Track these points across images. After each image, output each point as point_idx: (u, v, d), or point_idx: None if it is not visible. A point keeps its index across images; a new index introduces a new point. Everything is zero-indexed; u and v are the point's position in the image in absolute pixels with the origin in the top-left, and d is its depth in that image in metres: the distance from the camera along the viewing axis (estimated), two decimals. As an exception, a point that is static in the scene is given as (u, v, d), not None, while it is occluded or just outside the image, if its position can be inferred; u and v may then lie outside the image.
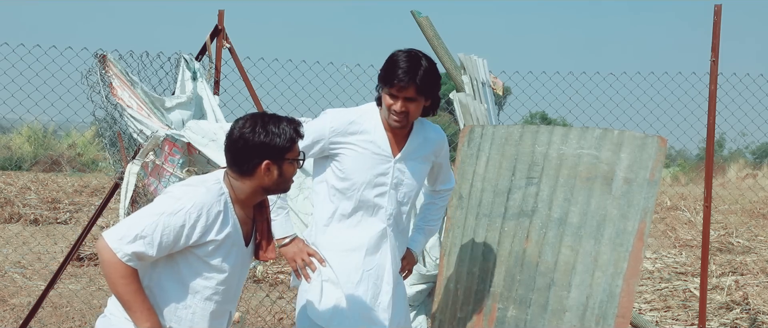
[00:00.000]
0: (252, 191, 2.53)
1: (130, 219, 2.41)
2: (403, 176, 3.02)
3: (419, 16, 4.54)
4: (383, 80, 2.92)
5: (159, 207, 2.40)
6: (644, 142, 2.98)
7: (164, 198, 2.44)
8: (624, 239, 2.95)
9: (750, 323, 6.23)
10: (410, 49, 2.93)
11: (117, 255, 2.36)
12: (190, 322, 2.51)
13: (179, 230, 2.39)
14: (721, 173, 19.71)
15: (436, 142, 3.13)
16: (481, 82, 4.43)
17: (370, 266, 3.01)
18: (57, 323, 5.83)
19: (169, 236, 2.39)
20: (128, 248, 2.36)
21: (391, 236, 3.05)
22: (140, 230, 2.37)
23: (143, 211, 2.42)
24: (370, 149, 2.97)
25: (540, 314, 3.10)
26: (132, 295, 2.40)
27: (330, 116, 2.98)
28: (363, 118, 3.00)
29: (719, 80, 4.78)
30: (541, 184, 3.21)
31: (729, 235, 10.11)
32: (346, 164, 2.97)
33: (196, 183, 2.50)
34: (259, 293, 6.70)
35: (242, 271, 2.64)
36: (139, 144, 4.30)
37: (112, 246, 2.36)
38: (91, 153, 19.16)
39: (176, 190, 2.47)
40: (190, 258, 2.47)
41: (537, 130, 3.28)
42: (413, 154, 3.05)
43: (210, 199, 2.45)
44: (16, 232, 9.18)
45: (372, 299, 3.01)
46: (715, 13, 4.67)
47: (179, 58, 4.64)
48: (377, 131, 2.99)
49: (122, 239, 2.36)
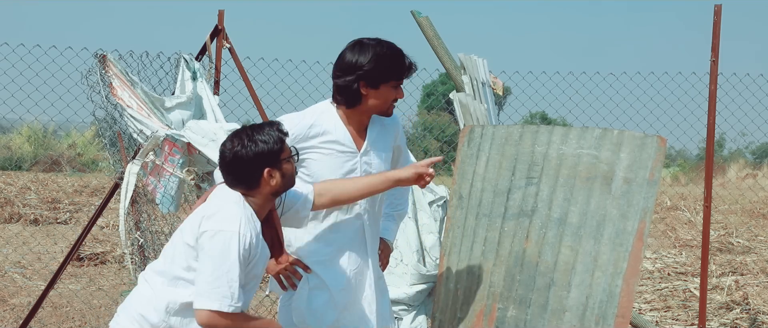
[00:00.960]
0: (264, 200, 2.61)
1: (215, 278, 2.46)
2: (371, 167, 3.02)
3: (419, 16, 4.54)
4: (393, 74, 2.92)
5: (218, 248, 2.46)
6: (644, 142, 2.98)
7: (223, 241, 2.47)
8: (624, 238, 2.95)
9: (750, 323, 6.23)
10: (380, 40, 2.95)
11: (229, 312, 2.45)
12: None
13: (246, 252, 2.50)
14: (721, 173, 19.70)
15: (393, 127, 3.14)
16: (481, 82, 4.43)
17: (355, 265, 3.02)
18: (57, 323, 5.84)
19: (243, 265, 2.51)
20: (234, 300, 2.47)
21: (368, 230, 3.05)
22: (229, 280, 2.45)
23: (216, 262, 2.46)
24: (335, 148, 2.95)
25: (540, 314, 3.11)
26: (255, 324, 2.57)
27: (287, 124, 2.89)
28: (321, 119, 2.97)
29: (719, 80, 4.78)
30: (540, 184, 3.21)
31: (729, 235, 10.10)
32: (313, 167, 2.94)
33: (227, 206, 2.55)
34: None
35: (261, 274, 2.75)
36: (139, 144, 4.30)
37: (222, 309, 2.44)
38: (91, 153, 19.16)
39: (216, 222, 2.50)
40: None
41: (537, 130, 3.28)
42: (375, 145, 3.05)
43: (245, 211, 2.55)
44: (16, 232, 9.18)
45: (357, 296, 3.02)
46: (715, 13, 4.68)
47: (179, 58, 4.64)
48: (338, 129, 2.97)
49: (224, 297, 2.45)
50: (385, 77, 2.90)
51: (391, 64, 2.90)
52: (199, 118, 4.51)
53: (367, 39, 2.94)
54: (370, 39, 2.94)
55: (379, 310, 3.07)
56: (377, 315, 3.06)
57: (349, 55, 2.91)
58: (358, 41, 2.94)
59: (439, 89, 18.00)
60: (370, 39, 2.94)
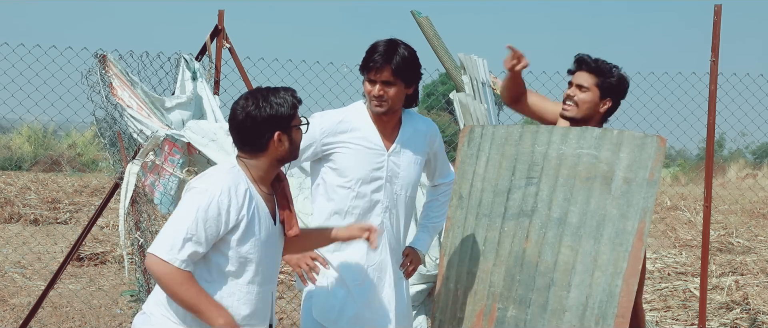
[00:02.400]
0: (269, 165, 2.55)
1: (169, 228, 2.43)
2: (398, 168, 3.05)
3: (419, 16, 4.54)
4: (362, 67, 2.96)
5: (192, 205, 2.43)
6: (644, 142, 2.98)
7: (191, 196, 2.46)
8: (623, 238, 2.95)
9: (750, 323, 6.23)
10: (391, 38, 2.97)
11: (173, 265, 2.38)
12: (238, 309, 2.53)
13: (218, 218, 2.42)
14: (721, 173, 19.71)
15: (427, 133, 3.16)
16: (481, 82, 4.43)
17: (373, 262, 3.04)
18: (57, 323, 5.84)
19: (211, 228, 2.42)
20: (182, 254, 2.39)
21: (389, 230, 3.06)
22: (185, 233, 2.39)
23: (178, 215, 2.44)
24: (362, 145, 2.99)
25: (540, 314, 3.11)
26: (196, 297, 2.43)
27: (318, 119, 2.99)
28: (351, 116, 3.02)
29: (719, 80, 4.78)
30: (540, 184, 3.21)
31: (729, 235, 10.11)
32: (341, 162, 2.98)
33: (214, 172, 2.53)
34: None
35: (276, 249, 2.66)
36: (139, 144, 4.30)
37: (165, 258, 2.39)
38: (91, 153, 19.16)
39: (198, 184, 2.49)
40: (223, 246, 2.49)
41: (537, 130, 3.28)
42: (405, 146, 3.07)
43: (233, 180, 2.48)
44: (16, 232, 9.18)
45: (376, 294, 3.04)
46: (715, 13, 4.68)
47: (179, 58, 4.64)
48: (367, 127, 3.01)
49: (172, 248, 2.39)
50: (361, 70, 2.98)
51: (364, 57, 2.96)
52: (199, 118, 4.51)
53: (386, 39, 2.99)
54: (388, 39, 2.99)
55: (398, 310, 3.09)
56: (396, 314, 3.09)
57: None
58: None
59: (439, 89, 17.99)
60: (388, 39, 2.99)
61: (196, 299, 2.43)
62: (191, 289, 2.42)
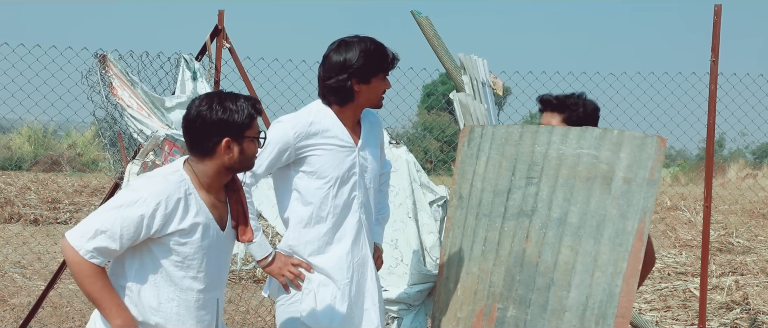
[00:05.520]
0: (215, 172, 2.48)
1: (90, 216, 2.40)
2: (366, 162, 3.11)
3: (419, 16, 4.54)
4: (382, 67, 3.01)
5: (117, 200, 2.39)
6: (644, 142, 2.98)
7: (124, 191, 2.44)
8: (623, 238, 2.95)
9: (750, 323, 6.23)
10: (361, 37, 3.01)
11: (79, 253, 2.34)
12: (177, 315, 2.49)
13: (139, 220, 2.36)
14: (721, 173, 19.71)
15: (379, 123, 3.26)
16: (481, 82, 4.43)
17: (357, 257, 3.08)
18: (57, 323, 5.84)
19: (129, 228, 2.36)
20: (89, 244, 2.35)
21: (365, 224, 3.12)
22: (100, 225, 2.35)
23: (103, 206, 2.41)
24: (335, 144, 3.02)
25: (540, 314, 3.11)
26: (99, 292, 2.39)
27: (289, 123, 2.99)
28: (319, 117, 3.03)
29: (719, 80, 4.78)
30: (540, 184, 3.21)
31: (729, 235, 10.11)
32: (316, 164, 3.00)
33: (154, 174, 2.49)
34: (259, 293, 6.69)
35: (222, 256, 2.61)
36: (139, 144, 4.30)
37: (74, 244, 2.35)
38: (91, 153, 19.18)
39: (136, 182, 2.46)
40: (160, 250, 2.45)
41: (537, 130, 3.28)
42: (368, 140, 3.13)
43: (168, 188, 2.42)
44: (16, 232, 9.18)
45: (362, 289, 3.11)
46: (715, 13, 4.67)
47: (179, 58, 4.64)
48: (336, 126, 3.03)
49: (83, 236, 2.35)
50: (374, 71, 2.98)
51: (378, 57, 2.98)
52: (199, 118, 4.50)
53: (349, 38, 3.01)
54: (351, 37, 3.01)
55: (379, 302, 3.16)
56: (379, 307, 3.15)
57: (336, 56, 2.97)
58: (341, 41, 3.00)
59: (439, 89, 18.01)
60: (351, 37, 3.01)
61: (100, 293, 2.38)
62: (96, 283, 2.37)
